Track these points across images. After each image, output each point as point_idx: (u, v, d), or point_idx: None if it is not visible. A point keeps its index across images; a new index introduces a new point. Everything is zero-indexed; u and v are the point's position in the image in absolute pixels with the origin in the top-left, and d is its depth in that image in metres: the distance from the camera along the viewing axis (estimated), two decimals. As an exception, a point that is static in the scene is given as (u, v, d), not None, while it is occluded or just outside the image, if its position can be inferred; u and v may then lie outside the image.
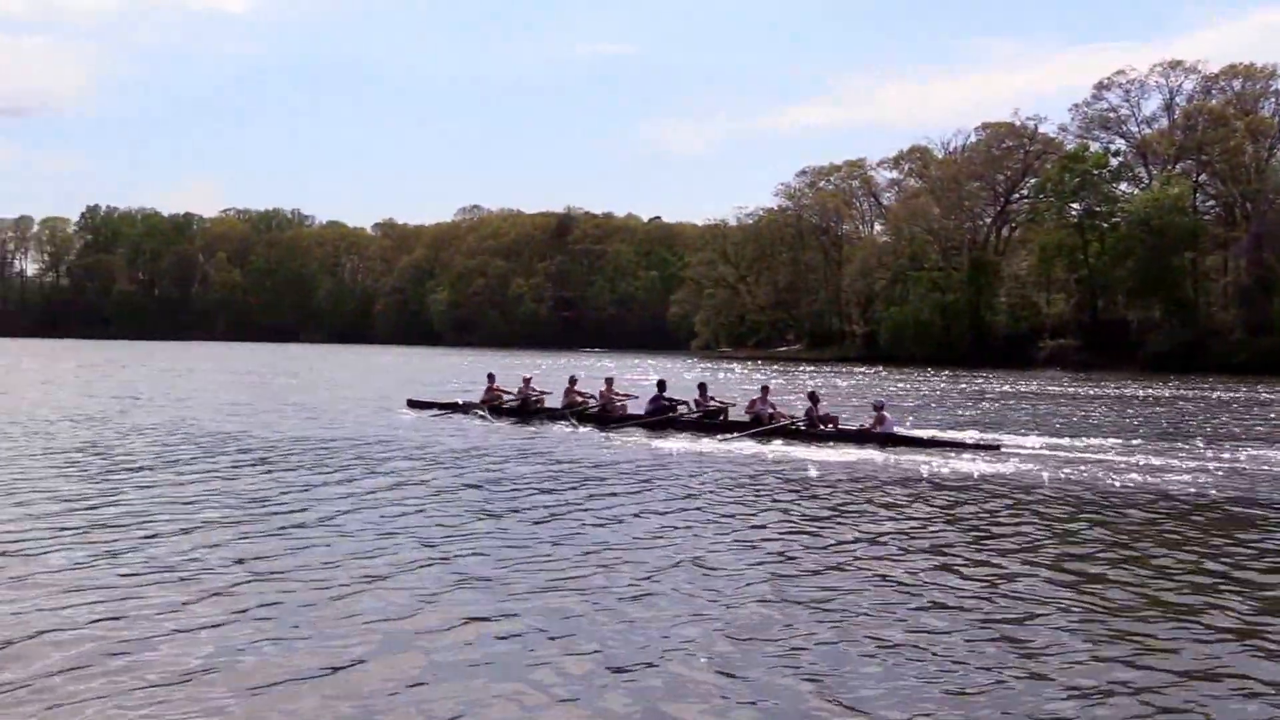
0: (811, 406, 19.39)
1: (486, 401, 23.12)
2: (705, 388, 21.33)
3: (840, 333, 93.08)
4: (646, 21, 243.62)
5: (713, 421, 20.06)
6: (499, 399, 23.10)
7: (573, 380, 22.66)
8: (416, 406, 24.15)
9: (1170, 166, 74.17)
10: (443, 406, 23.72)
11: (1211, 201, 73.84)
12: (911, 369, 61.41)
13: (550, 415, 21.69)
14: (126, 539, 9.25)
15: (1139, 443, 18.87)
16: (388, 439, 18.12)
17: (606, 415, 21.12)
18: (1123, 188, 75.54)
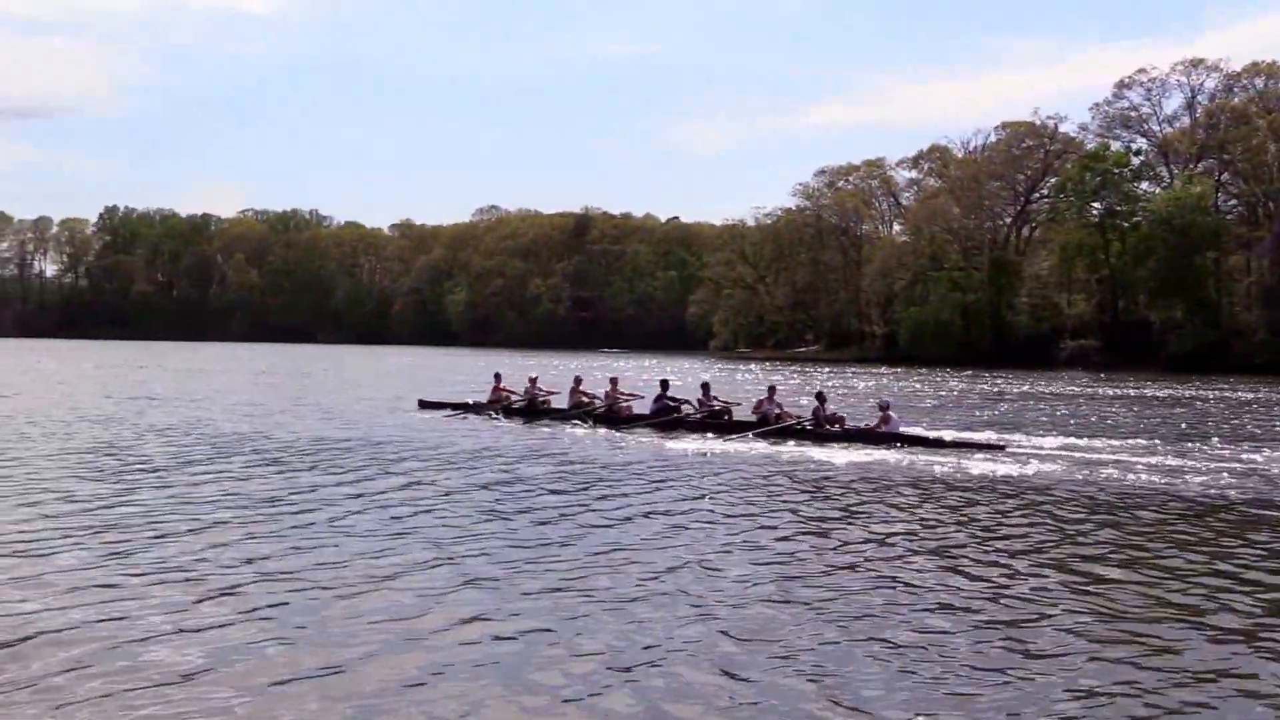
0: (819, 406, 19.39)
1: (494, 402, 23.15)
2: (708, 387, 21.34)
3: (859, 333, 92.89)
4: (664, 22, 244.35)
5: (719, 421, 20.07)
6: (507, 399, 23.12)
7: (578, 380, 22.71)
8: (427, 407, 24.26)
9: (1192, 165, 73.71)
10: (453, 407, 23.78)
11: (1234, 201, 73.47)
12: (931, 369, 61.10)
13: (558, 415, 21.72)
14: (135, 539, 9.31)
15: (1155, 443, 18.72)
16: (397, 439, 18.17)
17: (613, 415, 21.16)
18: (1144, 187, 75.24)
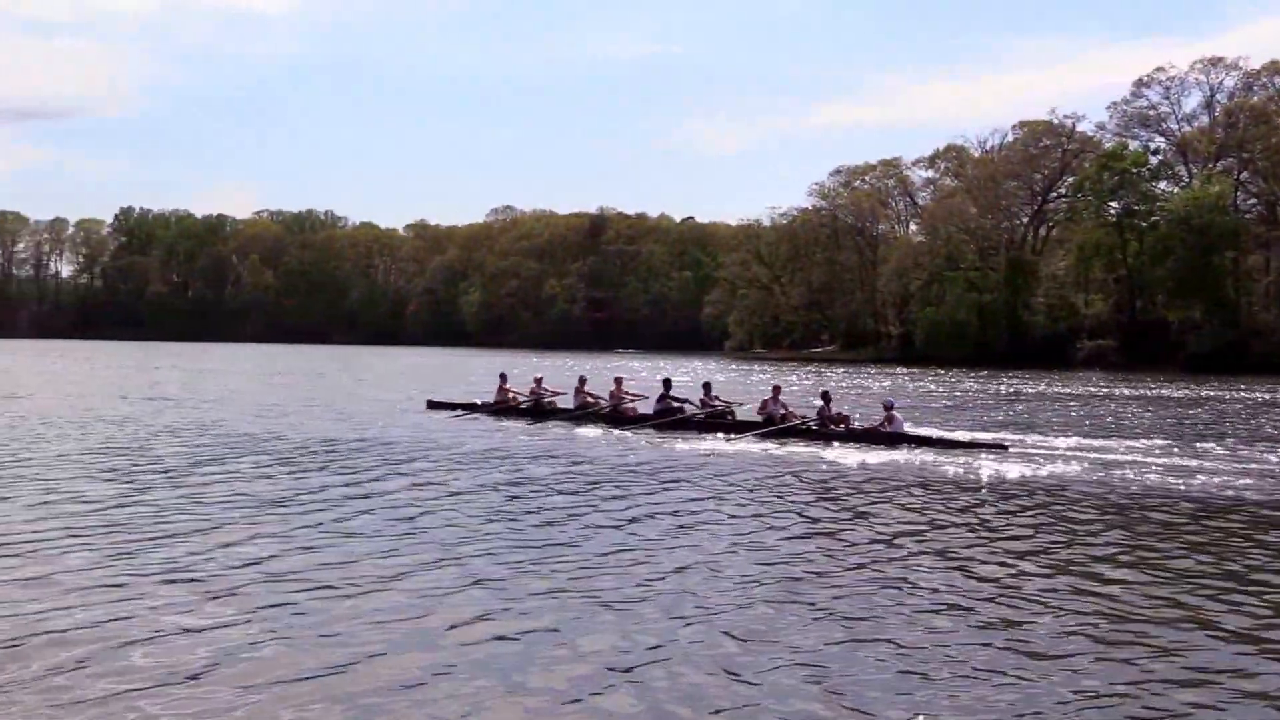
0: (823, 406, 19.42)
1: (499, 402, 23.21)
2: (710, 387, 21.45)
3: (875, 333, 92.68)
4: (679, 22, 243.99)
5: (724, 421, 20.12)
6: (513, 400, 23.14)
7: (582, 380, 22.77)
8: (436, 407, 24.42)
9: (1211, 164, 73.16)
10: (461, 407, 23.86)
11: (1253, 200, 72.85)
12: (947, 370, 60.80)
13: (563, 416, 21.74)
14: (143, 539, 9.34)
15: (1169, 444, 18.58)
16: (405, 440, 18.21)
17: (618, 415, 21.22)
18: (1162, 186, 74.78)
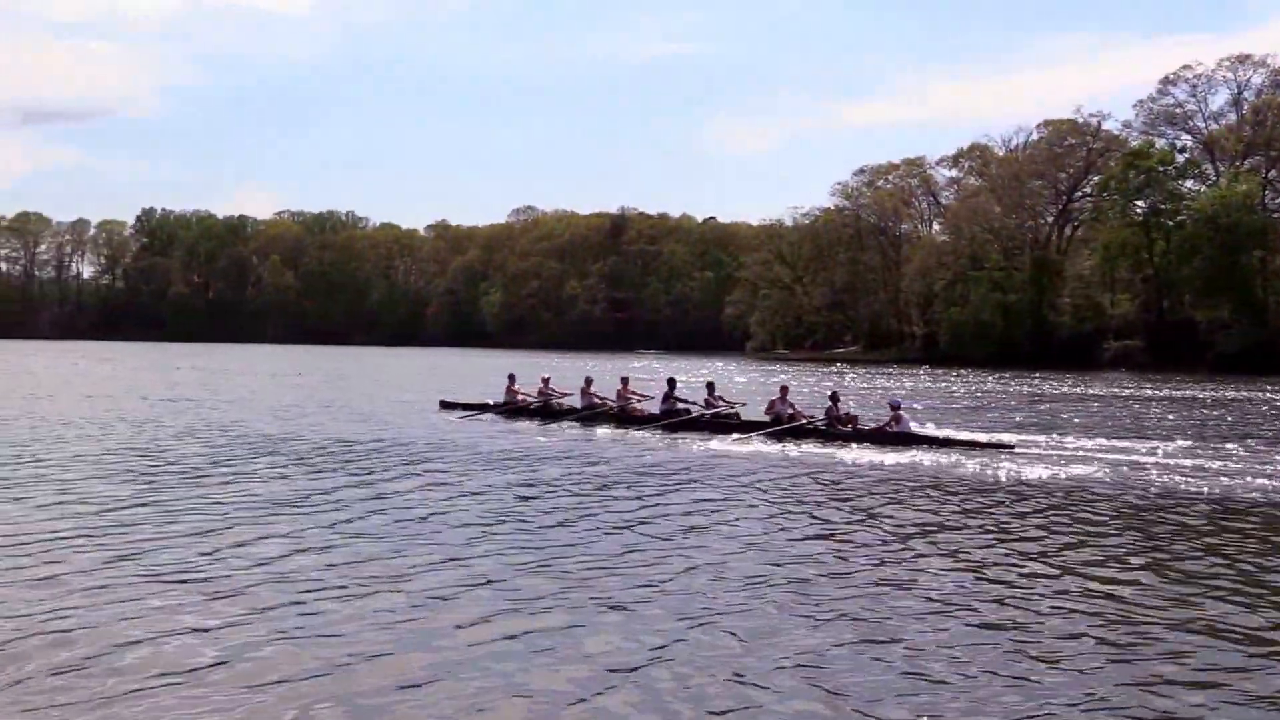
0: (831, 406, 19.44)
1: (507, 403, 23.34)
2: (713, 387, 21.64)
3: (899, 334, 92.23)
4: (701, 21, 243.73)
5: (731, 421, 20.18)
6: (522, 401, 23.22)
7: (588, 381, 22.89)
8: (448, 408, 24.58)
9: (1238, 163, 72.46)
10: (472, 408, 24.01)
11: (1281, 198, 71.96)
12: (971, 370, 60.69)
13: (571, 416, 21.82)
14: (155, 539, 9.38)
15: (1188, 445, 18.35)
16: (417, 440, 18.37)
17: (625, 416, 21.30)
18: (1189, 185, 73.81)
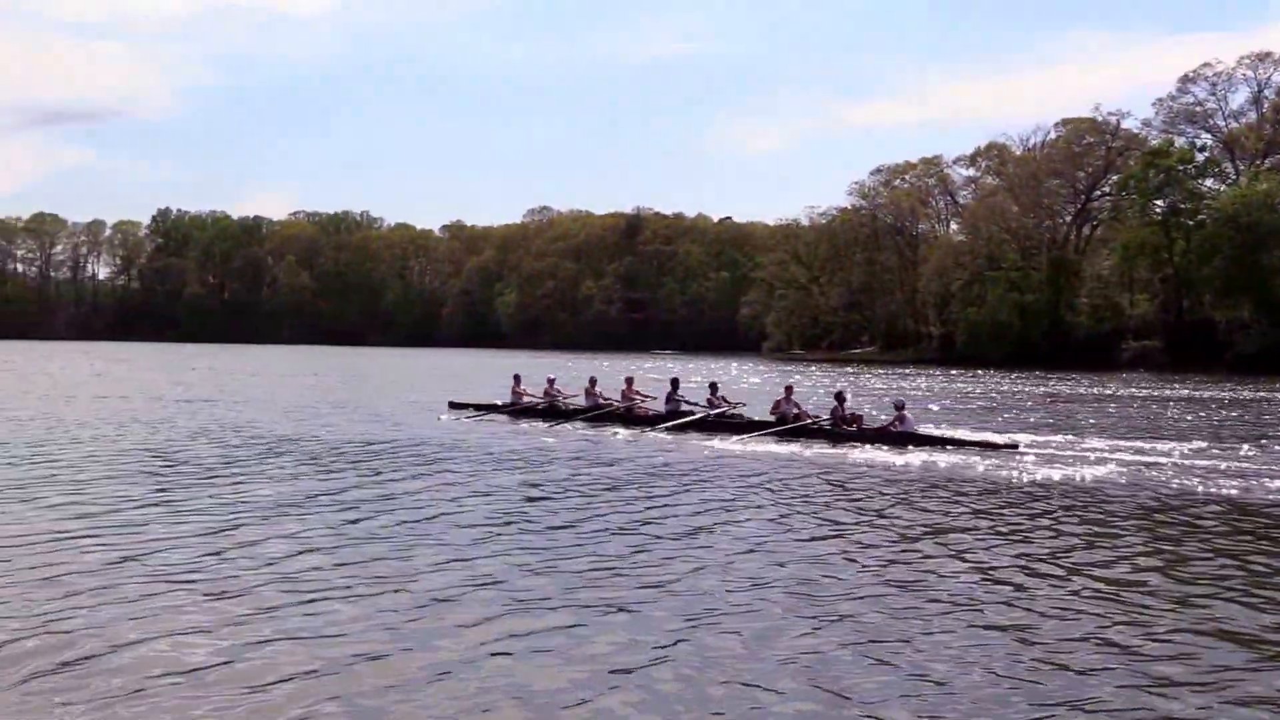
0: (837, 406, 19.45)
1: (514, 403, 23.48)
2: (716, 387, 21.74)
3: (916, 334, 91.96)
4: (717, 20, 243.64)
5: (736, 421, 20.23)
6: (530, 402, 23.32)
7: (593, 381, 23.02)
8: (457, 408, 24.72)
9: (1259, 161, 71.96)
10: (481, 408, 24.12)
11: (1303, 197, 71.24)
12: (988, 371, 60.57)
13: (577, 416, 21.88)
14: (164, 539, 9.42)
15: (1201, 446, 18.29)
16: (425, 440, 18.37)
17: (631, 416, 21.39)
18: (1209, 184, 73.37)
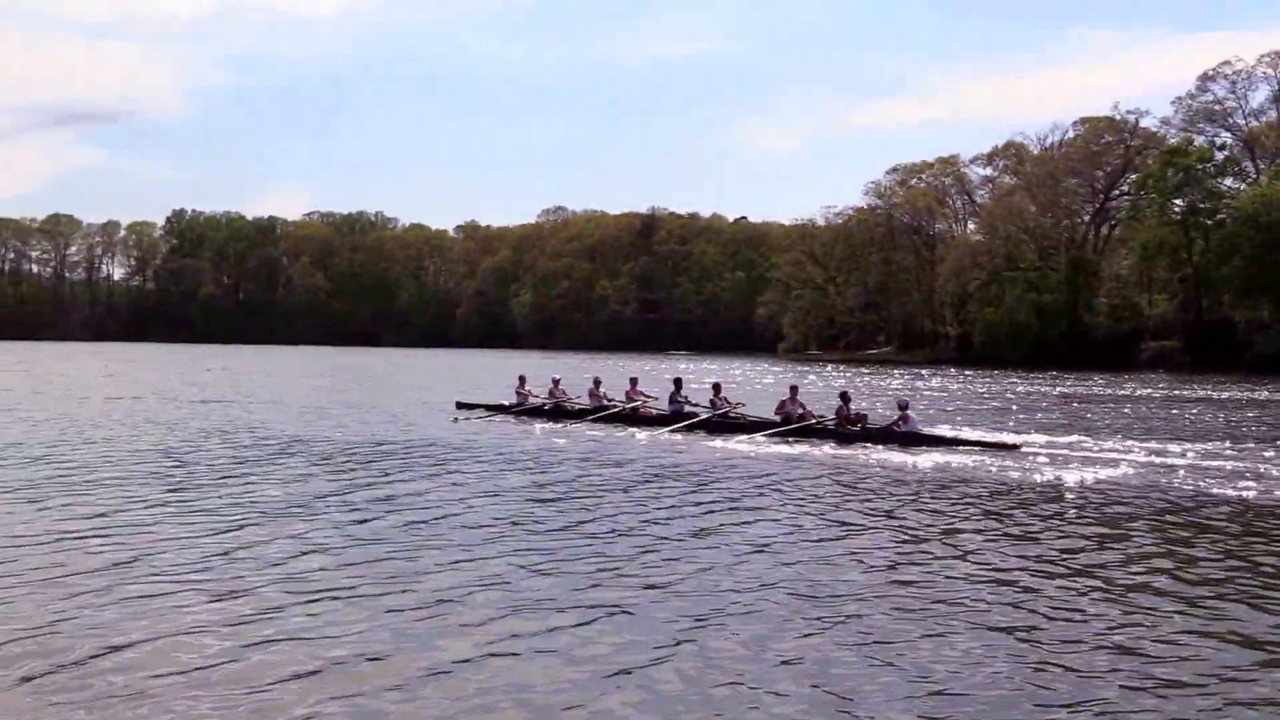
0: (841, 405, 19.49)
1: (521, 403, 23.57)
2: (719, 387, 21.77)
3: (933, 334, 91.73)
4: (731, 20, 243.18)
5: (742, 421, 20.25)
6: (538, 403, 23.37)
7: (597, 382, 23.15)
8: (465, 408, 24.87)
9: (1279, 160, 71.19)
10: (488, 408, 24.20)
11: (1324, 196, 70.62)
12: (1006, 371, 60.37)
13: (585, 417, 21.90)
14: (170, 539, 9.43)
15: (1213, 446, 18.12)
16: (433, 441, 18.38)
17: (635, 416, 21.46)
18: (1229, 183, 72.93)
